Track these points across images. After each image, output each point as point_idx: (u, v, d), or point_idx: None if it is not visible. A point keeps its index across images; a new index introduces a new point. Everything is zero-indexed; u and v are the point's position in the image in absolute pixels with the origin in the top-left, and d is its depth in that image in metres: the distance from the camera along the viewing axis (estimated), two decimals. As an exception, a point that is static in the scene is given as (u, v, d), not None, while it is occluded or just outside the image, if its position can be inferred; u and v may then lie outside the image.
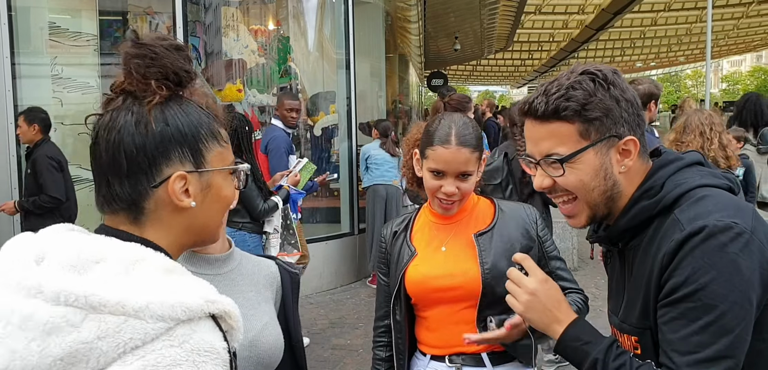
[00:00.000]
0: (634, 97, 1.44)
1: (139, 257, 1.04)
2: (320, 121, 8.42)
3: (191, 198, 1.15)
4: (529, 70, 44.56)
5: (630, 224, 1.44)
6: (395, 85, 14.96)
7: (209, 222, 1.21)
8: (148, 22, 7.06)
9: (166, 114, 1.13)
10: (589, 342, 1.46)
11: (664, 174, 1.42)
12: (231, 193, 1.24)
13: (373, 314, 2.38)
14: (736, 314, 1.26)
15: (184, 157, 1.14)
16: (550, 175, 1.47)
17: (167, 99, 1.14)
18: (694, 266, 1.28)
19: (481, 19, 17.23)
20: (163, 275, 1.03)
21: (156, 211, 1.13)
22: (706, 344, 1.28)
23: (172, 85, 1.13)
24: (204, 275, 1.73)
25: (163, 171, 1.12)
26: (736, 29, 29.45)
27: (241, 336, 1.09)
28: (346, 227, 8.15)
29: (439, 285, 2.08)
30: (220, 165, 1.20)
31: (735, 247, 1.26)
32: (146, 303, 0.94)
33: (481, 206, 2.20)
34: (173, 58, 1.12)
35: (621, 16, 21.96)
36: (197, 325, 0.99)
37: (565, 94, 1.42)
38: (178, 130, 1.13)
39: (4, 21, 5.67)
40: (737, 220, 1.28)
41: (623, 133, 1.42)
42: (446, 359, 2.11)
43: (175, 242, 1.17)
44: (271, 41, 8.35)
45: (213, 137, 1.19)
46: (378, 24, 11.06)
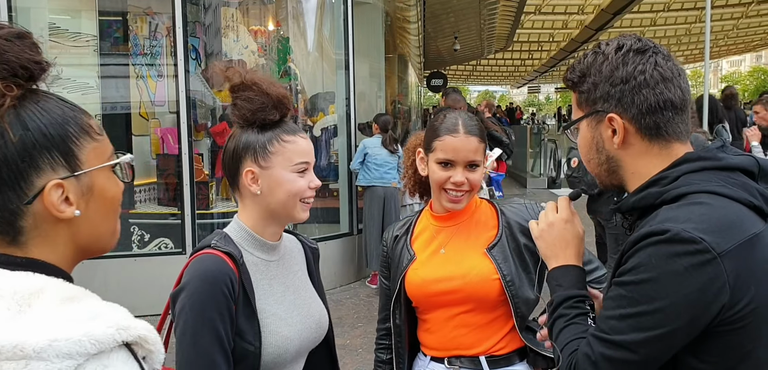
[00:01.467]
0: (631, 75, 1.39)
1: (36, 288, 0.92)
2: (319, 121, 8.43)
3: (73, 206, 1.01)
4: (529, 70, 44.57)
5: (637, 205, 1.44)
6: (394, 85, 14.97)
7: (100, 227, 1.08)
8: (148, 22, 7.07)
9: (22, 117, 0.97)
10: (560, 286, 1.58)
11: (684, 169, 1.38)
12: (117, 191, 1.10)
13: (372, 315, 2.40)
14: (657, 320, 1.27)
15: (55, 163, 0.99)
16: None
17: (21, 98, 0.98)
18: (640, 260, 1.29)
19: (480, 19, 17.24)
20: (65, 305, 0.92)
21: (36, 228, 0.99)
22: (618, 331, 1.32)
23: (23, 81, 0.97)
24: (272, 262, 1.81)
25: (34, 183, 0.97)
26: (735, 29, 29.48)
27: (163, 356, 1.00)
28: (345, 227, 8.16)
29: (437, 289, 2.09)
30: (97, 162, 1.05)
31: (687, 261, 1.23)
32: (49, 342, 0.83)
33: (483, 210, 2.19)
34: (17, 50, 0.96)
35: (620, 16, 21.97)
36: (108, 358, 0.90)
37: (572, 67, 1.51)
38: (41, 133, 0.98)
39: (5, 21, 5.68)
40: (708, 237, 1.23)
41: (607, 109, 1.42)
42: (445, 361, 2.12)
43: (65, 255, 1.04)
44: (270, 42, 8.36)
45: (84, 133, 1.04)
46: (377, 24, 11.08)
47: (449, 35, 20.09)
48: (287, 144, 1.76)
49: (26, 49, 0.98)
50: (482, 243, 2.09)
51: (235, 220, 1.83)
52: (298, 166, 1.77)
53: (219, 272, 1.64)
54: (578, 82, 1.48)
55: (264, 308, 1.73)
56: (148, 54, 7.07)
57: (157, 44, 7.06)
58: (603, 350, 1.34)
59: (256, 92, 1.73)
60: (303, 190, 1.78)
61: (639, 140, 1.42)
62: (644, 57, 1.40)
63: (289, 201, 1.77)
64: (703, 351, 1.30)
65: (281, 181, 1.75)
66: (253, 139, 1.76)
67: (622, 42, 1.44)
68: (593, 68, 1.45)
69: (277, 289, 1.80)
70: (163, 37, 7.01)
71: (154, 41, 7.06)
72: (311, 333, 1.83)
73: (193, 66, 6.84)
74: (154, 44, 7.07)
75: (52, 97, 1.03)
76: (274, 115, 1.75)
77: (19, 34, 0.99)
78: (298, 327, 1.78)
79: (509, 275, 2.03)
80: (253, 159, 1.75)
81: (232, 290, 1.65)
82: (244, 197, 1.81)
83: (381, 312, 2.32)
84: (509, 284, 2.03)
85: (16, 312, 0.89)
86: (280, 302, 1.78)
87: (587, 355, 1.37)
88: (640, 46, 1.42)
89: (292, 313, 1.79)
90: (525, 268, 2.07)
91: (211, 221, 6.78)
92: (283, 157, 1.75)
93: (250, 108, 1.73)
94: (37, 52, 1.00)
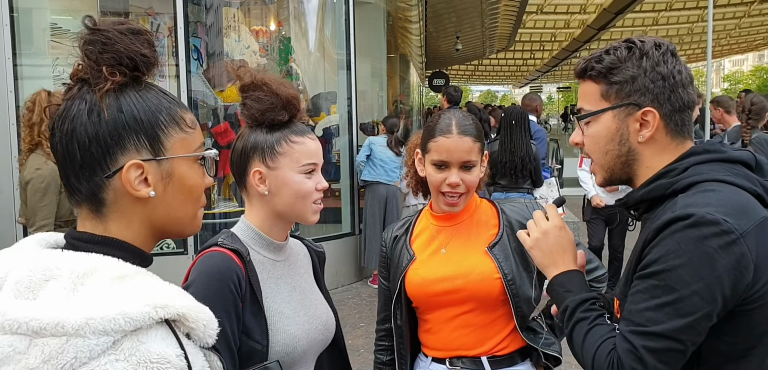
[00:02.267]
0: (670, 74, 1.45)
1: (90, 268, 1.00)
2: (321, 121, 8.43)
3: (151, 187, 1.10)
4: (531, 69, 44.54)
5: (645, 197, 1.48)
6: (396, 85, 14.97)
7: (176, 212, 1.16)
8: (149, 22, 7.07)
9: (120, 101, 1.08)
10: (570, 291, 1.60)
11: (692, 160, 1.44)
12: (199, 181, 1.19)
13: (374, 315, 2.38)
14: (694, 303, 1.30)
15: (140, 145, 1.10)
16: (581, 131, 1.58)
17: (124, 85, 1.09)
18: (669, 247, 1.32)
19: (482, 19, 17.23)
20: (113, 284, 0.99)
21: (117, 202, 1.10)
22: (657, 321, 1.34)
23: (128, 70, 1.09)
24: (278, 262, 1.80)
25: (118, 160, 1.08)
26: (737, 28, 29.43)
27: (213, 332, 1.07)
28: (346, 227, 8.16)
29: (438, 289, 2.08)
30: (182, 152, 1.15)
31: (714, 242, 1.28)
32: (85, 320, 0.90)
33: (484, 209, 2.18)
34: (127, 43, 1.08)
35: (622, 15, 21.95)
36: (146, 335, 0.95)
37: (598, 56, 1.52)
38: (133, 117, 1.09)
39: (6, 22, 5.68)
40: (730, 219, 1.29)
41: (643, 103, 1.46)
42: (446, 361, 2.11)
43: (141, 233, 1.13)
44: (272, 42, 8.35)
45: (174, 123, 1.14)
46: (379, 24, 11.07)
47: (451, 35, 20.09)
48: (295, 145, 1.76)
49: (136, 44, 1.09)
50: (483, 242, 2.09)
51: (242, 219, 1.83)
52: (306, 167, 1.77)
53: (227, 269, 1.64)
54: (607, 72, 1.50)
55: (271, 306, 1.73)
56: (149, 54, 7.06)
57: (159, 44, 7.05)
58: (645, 342, 1.35)
59: (265, 92, 1.73)
60: (310, 192, 1.77)
61: (663, 136, 1.48)
62: (677, 59, 1.48)
63: (297, 203, 1.77)
64: (725, 331, 1.34)
65: (288, 182, 1.75)
66: (261, 140, 1.76)
67: (658, 41, 1.50)
68: (630, 62, 1.47)
69: (284, 288, 1.79)
70: (164, 37, 7.01)
71: (155, 41, 7.06)
72: (318, 334, 1.82)
73: (194, 66, 6.84)
74: (156, 44, 7.07)
75: (154, 88, 1.14)
76: (283, 116, 1.75)
77: (133, 30, 1.10)
78: (305, 327, 1.78)
79: (510, 274, 2.03)
80: (261, 159, 1.75)
81: (239, 287, 1.64)
82: (251, 197, 1.81)
83: (380, 313, 2.31)
84: (510, 283, 2.02)
85: (71, 290, 0.97)
86: (287, 301, 1.78)
87: (629, 351, 1.37)
88: (673, 49, 1.49)
89: (299, 313, 1.78)
90: (526, 267, 2.07)
91: (212, 220, 6.78)
92: (291, 158, 1.75)
93: (259, 108, 1.74)
94: (148, 48, 1.11)
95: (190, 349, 1.03)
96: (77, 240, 1.09)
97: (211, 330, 1.06)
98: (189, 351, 1.01)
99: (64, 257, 1.02)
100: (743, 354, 1.36)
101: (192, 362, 1.01)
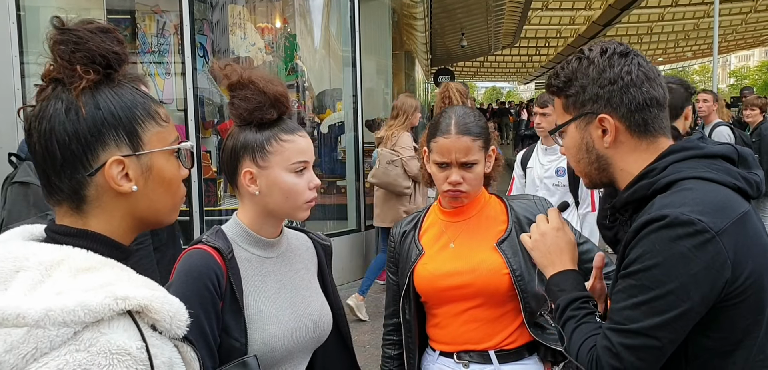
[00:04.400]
0: (618, 77, 1.48)
1: (57, 259, 1.02)
2: (327, 118, 8.44)
3: (132, 182, 1.12)
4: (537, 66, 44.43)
5: (630, 199, 1.50)
6: (402, 82, 14.97)
7: (156, 204, 1.18)
8: (155, 20, 7.09)
9: (97, 98, 1.10)
10: (563, 290, 1.64)
11: (671, 159, 1.45)
12: (176, 173, 1.21)
13: (380, 311, 2.39)
14: (670, 302, 1.32)
15: (120, 141, 1.11)
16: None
17: (97, 83, 1.10)
18: (645, 248, 1.35)
19: (487, 16, 17.20)
20: (78, 275, 1.00)
21: (98, 198, 1.11)
22: (634, 320, 1.37)
23: (101, 68, 1.10)
24: (268, 259, 1.80)
25: (99, 157, 1.10)
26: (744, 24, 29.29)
27: (182, 323, 1.06)
28: (352, 224, 8.17)
29: (447, 284, 2.08)
30: (159, 146, 1.17)
31: (688, 242, 1.30)
32: (45, 312, 0.91)
33: (492, 205, 2.18)
34: (98, 41, 1.09)
35: (628, 11, 21.88)
36: (108, 326, 0.96)
37: (555, 72, 1.57)
38: (111, 113, 1.10)
39: (13, 20, 5.70)
40: (705, 218, 1.30)
41: (597, 110, 1.50)
42: (455, 355, 2.12)
43: (120, 226, 1.14)
44: (277, 39, 8.37)
45: (150, 117, 1.16)
46: (384, 21, 11.07)
47: (456, 32, 20.06)
48: (285, 143, 1.74)
49: (107, 42, 1.10)
50: (492, 238, 2.09)
51: (233, 217, 1.83)
52: (297, 166, 1.75)
53: (204, 267, 1.65)
54: (564, 87, 1.55)
55: (252, 304, 1.72)
56: (155, 52, 7.08)
57: (165, 42, 7.07)
58: (622, 340, 1.38)
59: (252, 91, 1.71)
60: (302, 191, 1.76)
61: (628, 138, 1.50)
62: (628, 59, 1.49)
63: (287, 202, 1.75)
64: (711, 328, 1.36)
65: (279, 181, 1.73)
66: (250, 139, 1.74)
67: (605, 46, 1.53)
68: (579, 73, 1.52)
69: (270, 286, 1.78)
70: (170, 35, 7.02)
71: (161, 39, 7.08)
72: (306, 332, 1.80)
73: (200, 63, 6.85)
74: (162, 42, 7.08)
75: (127, 84, 1.16)
76: (271, 114, 1.73)
77: (102, 28, 1.11)
78: (290, 326, 1.76)
79: (519, 270, 2.03)
80: (252, 159, 1.74)
81: (217, 285, 1.65)
82: (243, 196, 1.80)
83: (388, 308, 2.31)
84: (519, 278, 2.03)
85: (39, 281, 0.99)
86: (272, 299, 1.77)
87: (607, 348, 1.41)
88: (622, 50, 1.51)
89: (285, 311, 1.77)
90: (534, 263, 2.07)
91: (219, 218, 6.80)
92: (281, 156, 1.73)
93: (247, 107, 1.72)
94: (118, 45, 1.12)
95: (155, 341, 1.03)
96: (55, 233, 1.11)
97: (179, 321, 1.06)
98: (153, 343, 1.02)
99: (34, 249, 1.03)
100: (730, 349, 1.38)
101: (154, 354, 1.01)
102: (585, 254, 2.04)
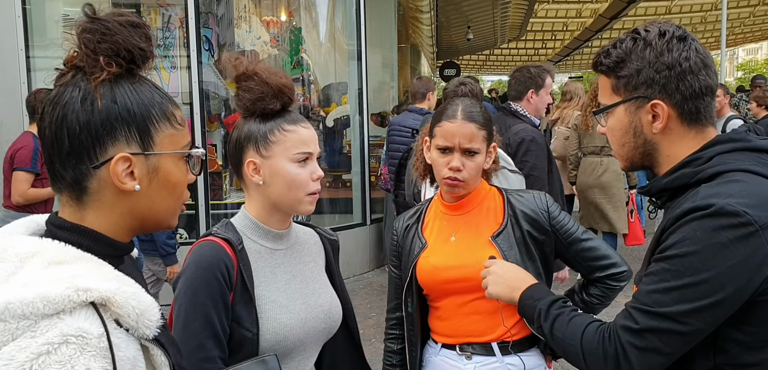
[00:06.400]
0: (676, 62, 1.42)
1: (31, 251, 1.01)
2: (332, 112, 8.44)
3: (136, 181, 1.10)
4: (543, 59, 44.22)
5: (669, 185, 1.46)
6: (407, 75, 14.95)
7: (157, 207, 1.16)
8: (161, 14, 7.09)
9: (114, 92, 1.08)
10: (539, 299, 1.66)
11: (717, 150, 1.42)
12: (182, 178, 1.19)
13: (384, 304, 2.39)
14: (703, 291, 1.30)
15: (131, 138, 1.09)
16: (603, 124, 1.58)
17: (118, 77, 1.09)
18: (685, 234, 1.32)
19: (493, 9, 17.13)
20: (49, 267, 0.99)
21: (99, 192, 1.09)
22: (662, 303, 1.34)
23: (124, 62, 1.08)
24: (277, 250, 1.81)
25: (107, 151, 1.08)
26: (752, 17, 29.10)
27: (151, 323, 1.03)
28: (358, 218, 8.18)
29: (448, 276, 2.09)
30: (170, 148, 1.15)
31: (731, 233, 1.27)
32: (5, 305, 0.91)
33: (492, 197, 2.18)
34: (126, 35, 1.08)
35: (635, 4, 21.75)
36: (69, 315, 0.94)
37: (606, 51, 1.50)
38: (126, 109, 1.09)
39: (19, 14, 5.71)
40: (751, 211, 1.27)
41: (651, 95, 1.44)
42: (457, 347, 2.12)
43: (118, 224, 1.12)
44: (283, 32, 8.36)
45: (165, 118, 1.14)
46: (390, 14, 11.05)
47: (462, 25, 19.99)
48: (288, 133, 1.75)
49: (135, 36, 1.08)
50: (489, 231, 2.10)
51: (241, 209, 1.84)
52: (299, 156, 1.76)
53: (214, 258, 1.66)
54: (615, 67, 1.48)
55: (263, 294, 1.73)
56: (161, 45, 7.09)
57: (171, 36, 7.07)
58: (649, 321, 1.36)
59: (256, 82, 1.73)
60: (305, 181, 1.76)
61: (678, 125, 1.45)
62: (686, 44, 1.43)
63: (290, 192, 1.76)
64: (744, 322, 1.33)
65: (282, 171, 1.74)
66: (254, 129, 1.76)
67: (663, 28, 1.46)
68: (634, 54, 1.45)
69: (281, 277, 1.79)
70: (176, 28, 7.02)
71: (167, 33, 7.08)
72: (318, 323, 1.81)
73: (206, 57, 6.86)
74: (168, 36, 7.08)
75: (148, 82, 1.14)
76: (274, 105, 1.75)
77: (133, 22, 1.09)
78: (301, 316, 1.77)
79: (514, 263, 2.03)
80: (255, 149, 1.75)
81: (227, 276, 1.66)
82: (249, 188, 1.81)
83: (391, 301, 2.32)
84: None
85: (11, 274, 0.98)
86: (282, 290, 1.78)
87: (629, 328, 1.39)
88: (681, 34, 1.45)
89: (296, 302, 1.78)
90: (530, 257, 2.07)
91: (224, 211, 6.82)
92: (284, 146, 1.75)
93: (250, 98, 1.74)
94: (145, 42, 1.10)
95: (119, 335, 0.99)
96: (53, 225, 1.10)
97: (148, 320, 1.02)
98: (116, 335, 0.98)
99: (13, 241, 1.03)
100: (762, 344, 1.35)
101: (116, 345, 0.97)
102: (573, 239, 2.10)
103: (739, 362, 1.36)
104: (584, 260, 2.10)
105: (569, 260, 2.17)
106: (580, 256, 2.10)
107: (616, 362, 1.42)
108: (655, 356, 1.38)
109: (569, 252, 2.11)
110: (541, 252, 2.09)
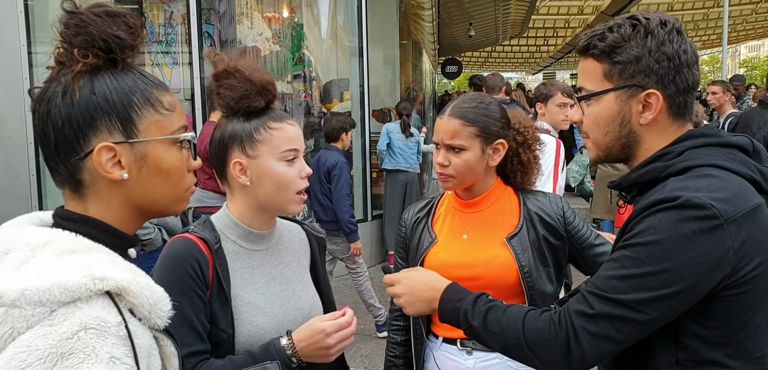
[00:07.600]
0: (675, 54, 1.40)
1: (43, 241, 1.02)
2: (334, 108, 8.44)
3: (124, 170, 1.10)
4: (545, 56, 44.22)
5: (639, 180, 1.45)
6: (409, 72, 14.93)
7: (153, 194, 1.15)
8: (163, 10, 7.10)
9: (94, 83, 1.08)
10: (460, 299, 1.60)
11: (688, 145, 1.40)
12: (176, 163, 1.17)
13: (385, 299, 2.39)
14: (661, 280, 1.29)
15: (113, 127, 1.09)
16: (582, 110, 1.53)
17: (99, 68, 1.09)
18: (649, 224, 1.31)
19: (495, 5, 17.12)
20: (62, 257, 1.00)
21: (94, 184, 1.10)
22: (619, 290, 1.33)
23: (101, 52, 1.08)
24: (257, 251, 1.78)
25: (90, 142, 1.08)
26: (754, 14, 29.03)
27: (163, 314, 1.05)
28: (359, 214, 8.17)
29: (457, 275, 2.06)
30: (157, 134, 1.14)
31: (695, 225, 1.26)
32: (21, 292, 0.92)
33: (507, 197, 2.16)
34: (100, 24, 1.07)
35: (637, 1, 21.73)
36: (86, 304, 0.95)
37: (601, 34, 1.45)
38: (105, 98, 1.08)
39: (21, 9, 5.72)
40: (718, 204, 1.26)
41: (647, 85, 1.41)
42: (458, 342, 2.12)
43: (119, 213, 1.13)
44: (285, 29, 8.36)
45: (148, 105, 1.13)
46: (391, 11, 11.04)
47: (464, 22, 19.97)
48: (274, 131, 1.72)
49: (111, 26, 1.08)
50: (505, 232, 2.08)
51: (223, 208, 1.81)
52: (287, 154, 1.73)
53: (185, 253, 1.64)
54: (610, 52, 1.44)
55: (240, 295, 1.71)
56: (163, 42, 7.09)
57: (173, 32, 7.08)
58: (604, 307, 1.34)
59: (238, 79, 1.69)
60: (293, 180, 1.73)
61: (665, 118, 1.44)
62: (683, 37, 1.42)
63: (279, 192, 1.73)
64: (705, 316, 1.32)
65: (269, 170, 1.71)
66: (239, 128, 1.72)
67: (664, 18, 1.43)
68: (634, 40, 1.41)
69: (259, 278, 1.77)
70: (178, 24, 7.03)
71: (169, 29, 7.09)
72: (296, 326, 1.75)
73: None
74: (170, 32, 7.09)
75: (132, 70, 1.13)
76: (258, 102, 1.71)
77: (110, 12, 1.09)
78: (278, 319, 1.75)
79: (527, 267, 2.02)
80: (241, 149, 1.71)
81: (199, 271, 1.64)
82: (232, 188, 1.77)
83: None
84: (526, 275, 2.02)
85: (23, 263, 0.99)
86: (260, 291, 1.75)
87: (583, 312, 1.37)
88: (678, 26, 1.43)
89: (274, 304, 1.76)
90: (543, 261, 2.06)
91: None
92: (271, 145, 1.71)
93: (233, 96, 1.70)
94: (124, 30, 1.10)
95: (134, 323, 1.01)
96: (60, 218, 1.11)
97: (160, 311, 1.04)
98: (133, 323, 1.00)
99: (24, 232, 1.04)
100: (724, 340, 1.34)
101: (134, 332, 0.98)
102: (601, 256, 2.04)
103: (701, 357, 1.35)
104: (597, 266, 2.08)
105: (582, 265, 2.16)
106: (593, 261, 2.09)
107: (566, 346, 1.39)
108: (607, 343, 1.36)
109: (582, 257, 2.11)
110: (555, 257, 2.08)
